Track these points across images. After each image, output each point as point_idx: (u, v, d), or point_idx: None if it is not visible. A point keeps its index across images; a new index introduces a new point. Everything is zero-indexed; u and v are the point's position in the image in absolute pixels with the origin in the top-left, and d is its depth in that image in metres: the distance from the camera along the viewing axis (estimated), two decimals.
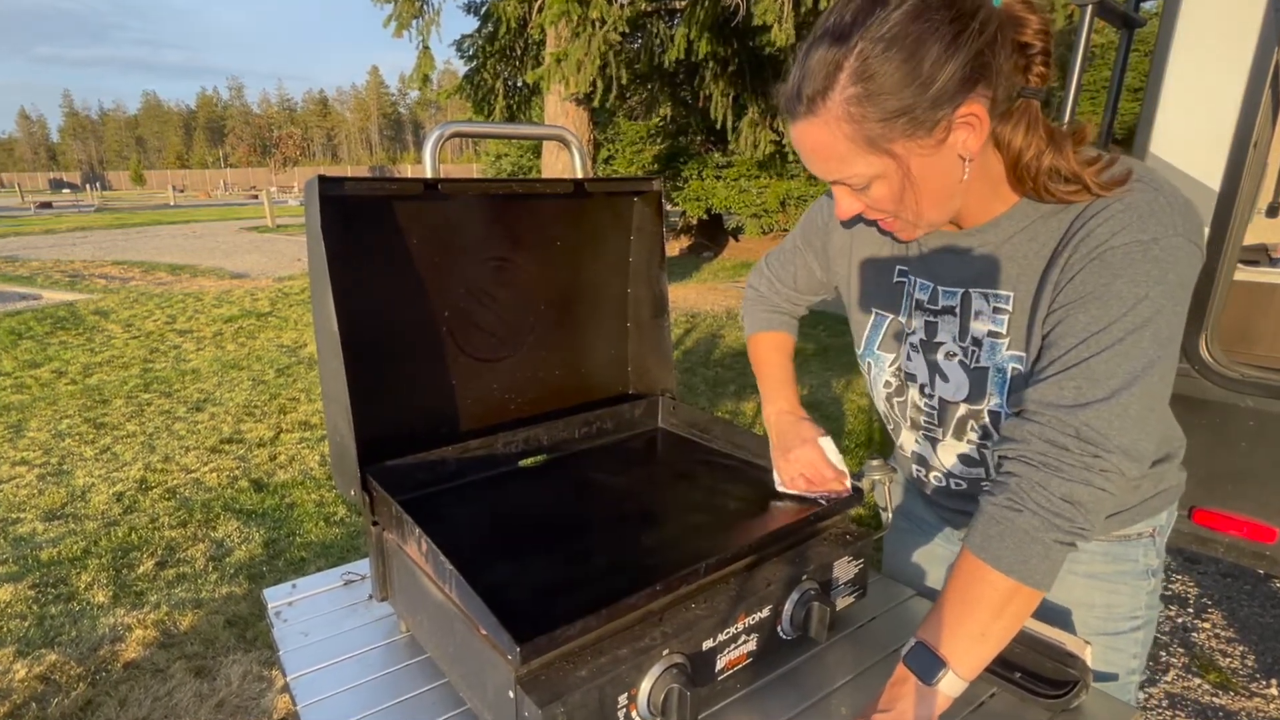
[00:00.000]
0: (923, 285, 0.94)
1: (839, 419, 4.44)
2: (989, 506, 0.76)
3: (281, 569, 2.86)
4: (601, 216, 1.26)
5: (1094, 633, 0.98)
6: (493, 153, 19.42)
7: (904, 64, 0.69)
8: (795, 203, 11.91)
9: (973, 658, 0.74)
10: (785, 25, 5.66)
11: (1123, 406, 0.72)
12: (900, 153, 0.73)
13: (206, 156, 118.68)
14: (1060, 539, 0.72)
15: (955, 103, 0.70)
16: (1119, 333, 0.72)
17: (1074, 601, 0.99)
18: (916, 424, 1.00)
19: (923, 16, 0.68)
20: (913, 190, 0.77)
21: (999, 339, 0.85)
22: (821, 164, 0.78)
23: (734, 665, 0.84)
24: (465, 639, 0.78)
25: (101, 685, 2.20)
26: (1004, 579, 0.73)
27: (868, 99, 0.70)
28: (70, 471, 3.83)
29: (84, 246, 14.95)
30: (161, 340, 6.73)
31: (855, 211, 0.82)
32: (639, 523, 1.00)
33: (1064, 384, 0.74)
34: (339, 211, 0.93)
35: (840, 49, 0.70)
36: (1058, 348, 0.76)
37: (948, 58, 0.68)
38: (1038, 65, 0.73)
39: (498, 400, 1.20)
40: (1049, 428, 0.74)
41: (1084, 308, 0.75)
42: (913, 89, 0.69)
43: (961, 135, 0.73)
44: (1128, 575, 0.98)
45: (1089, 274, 0.75)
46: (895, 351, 1.00)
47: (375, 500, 0.94)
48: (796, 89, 0.75)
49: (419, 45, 7.72)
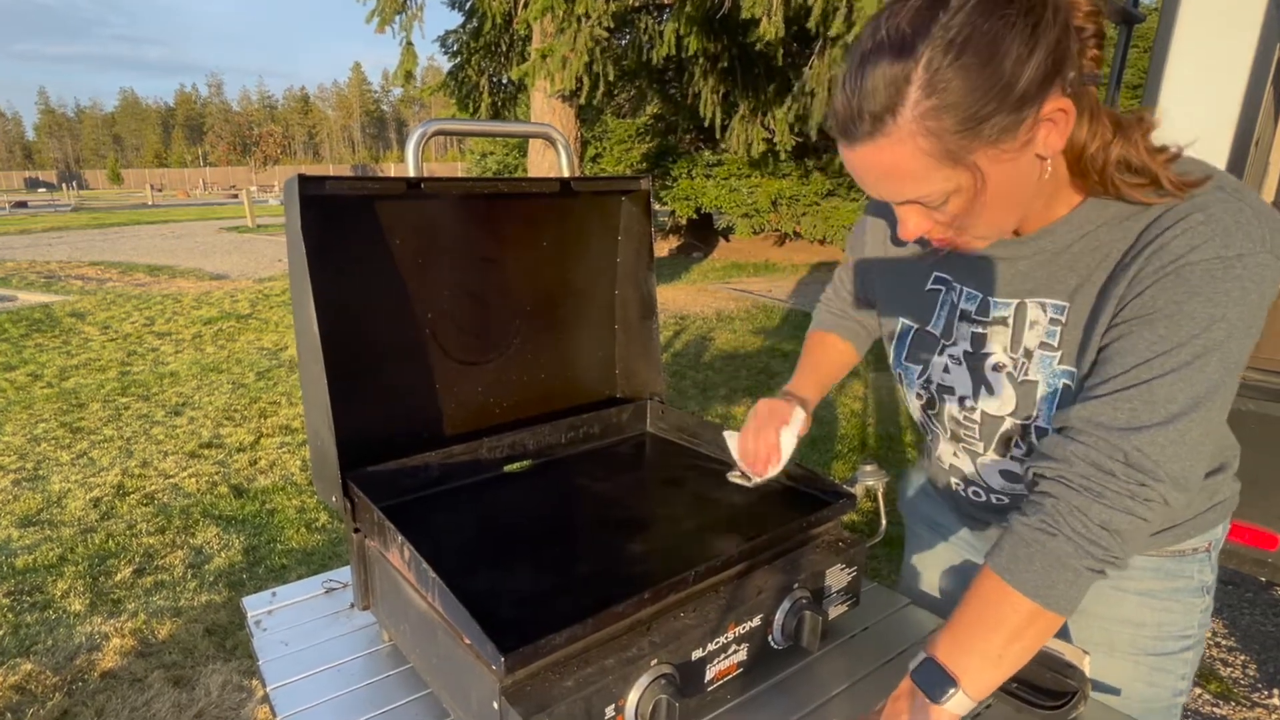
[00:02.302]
0: (970, 295, 0.88)
1: (832, 423, 4.45)
2: (1020, 527, 0.72)
3: (262, 576, 2.82)
4: (588, 216, 1.24)
5: (1143, 653, 0.94)
6: (477, 151, 19.36)
7: (982, 69, 0.63)
8: (787, 202, 11.92)
9: (985, 679, 0.71)
10: (774, 19, 5.59)
11: (1180, 433, 0.67)
12: (983, 163, 0.68)
13: (185, 155, 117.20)
14: (1092, 566, 0.69)
15: (1040, 100, 0.65)
16: (1187, 355, 0.67)
17: (1123, 620, 0.94)
18: (956, 436, 0.95)
19: (994, 12, 0.62)
20: (989, 200, 0.71)
21: (1051, 352, 0.80)
22: (893, 185, 0.72)
23: (724, 675, 0.83)
24: (449, 649, 0.77)
25: (78, 695, 2.15)
26: (1027, 602, 0.70)
27: (944, 110, 0.64)
28: (46, 477, 3.76)
29: (60, 247, 14.71)
30: (139, 343, 6.63)
31: (925, 231, 0.76)
32: (626, 529, 0.99)
33: (1119, 404, 0.70)
34: (320, 211, 0.91)
35: (905, 62, 0.64)
36: (1115, 365, 0.71)
37: (1029, 53, 0.63)
38: (1091, 48, 0.68)
39: (482, 404, 1.19)
40: (1095, 450, 0.69)
41: (1151, 325, 0.69)
42: (994, 93, 0.64)
43: (1044, 133, 0.67)
44: (1182, 592, 0.93)
45: (1161, 289, 0.69)
46: (923, 363, 0.95)
47: (357, 506, 0.93)
48: (857, 109, 0.68)
49: (402, 41, 7.65)
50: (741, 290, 9.25)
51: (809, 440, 4.07)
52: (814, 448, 4.05)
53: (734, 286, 9.58)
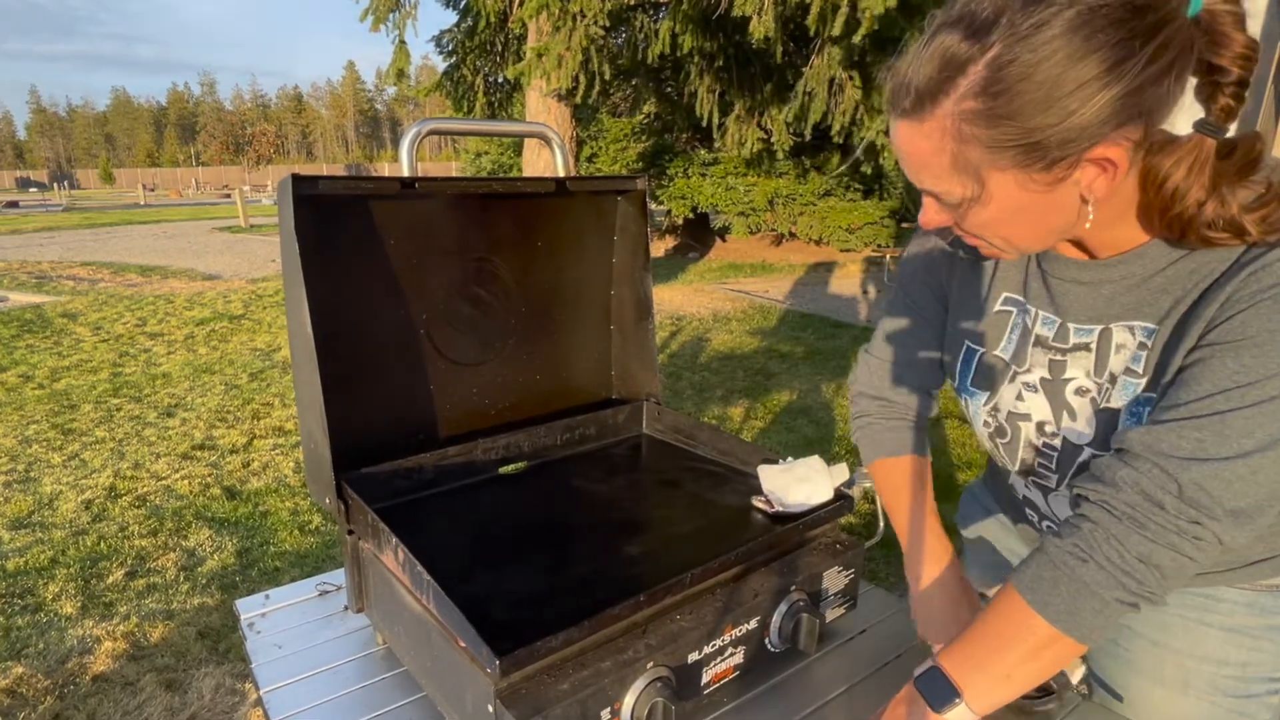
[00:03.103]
0: (1047, 320, 0.82)
1: (830, 425, 4.43)
2: (1051, 547, 0.68)
3: (255, 579, 2.80)
4: (584, 216, 1.24)
5: (1221, 693, 0.85)
6: (472, 151, 19.30)
7: (1043, 85, 0.57)
8: (783, 201, 11.89)
9: (991, 696, 0.69)
10: (764, 18, 5.56)
11: (1250, 469, 0.61)
12: (1004, 184, 0.63)
13: (178, 154, 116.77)
14: (1123, 599, 0.65)
15: (1091, 141, 0.59)
16: (1273, 389, 0.61)
17: (1203, 657, 0.86)
18: (1029, 468, 0.88)
19: (1086, 27, 0.55)
20: (1007, 220, 0.67)
21: (1136, 378, 0.74)
22: (913, 171, 0.69)
23: (720, 678, 0.83)
24: (443, 651, 0.76)
25: (70, 698, 2.14)
26: (1046, 626, 0.67)
27: (984, 119, 0.59)
28: (37, 479, 3.73)
29: (51, 247, 14.61)
30: (131, 344, 6.59)
31: (940, 224, 0.73)
32: (622, 531, 0.98)
33: (1185, 432, 0.64)
34: (313, 211, 0.90)
35: (971, 45, 0.58)
36: (1190, 391, 0.65)
37: (1100, 87, 0.56)
38: (1225, 97, 0.61)
39: (477, 405, 1.18)
40: (1147, 478, 0.64)
41: (1236, 353, 0.63)
42: (1044, 117, 0.58)
43: (1088, 175, 0.62)
44: (1276, 631, 0.84)
45: (1255, 314, 0.62)
46: (991, 390, 0.88)
47: (351, 508, 0.92)
48: (907, 80, 0.63)
49: (395, 39, 7.63)
50: (738, 290, 9.25)
51: (806, 443, 4.08)
52: (811, 450, 4.05)
53: (730, 287, 9.58)
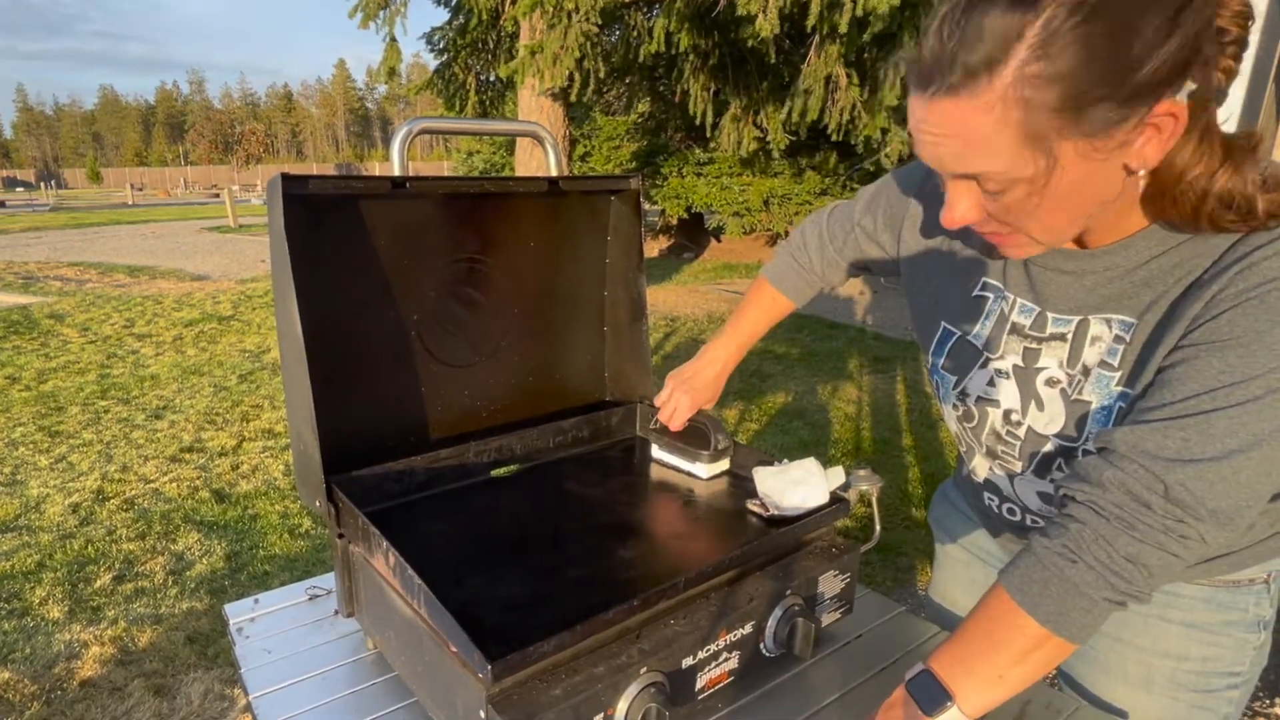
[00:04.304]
0: (1025, 308, 0.81)
1: (825, 427, 4.44)
2: (1039, 548, 0.68)
3: (244, 583, 2.78)
4: (577, 216, 1.23)
5: (1183, 689, 0.87)
6: (464, 150, 19.26)
7: (1108, 40, 0.54)
8: (779, 201, 11.86)
9: (982, 698, 0.69)
10: (770, 16, 5.53)
11: (1233, 469, 0.61)
12: (1067, 155, 0.60)
13: (166, 154, 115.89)
14: (1112, 598, 0.65)
15: (1157, 96, 0.57)
16: (1257, 390, 0.61)
17: (1164, 653, 0.87)
18: (993, 452, 0.88)
19: None
20: (1055, 199, 0.63)
21: (1110, 372, 0.74)
22: (956, 151, 0.63)
23: (715, 684, 0.82)
24: (434, 656, 0.75)
25: (57, 704, 2.11)
26: (1036, 626, 0.66)
27: (1049, 82, 0.56)
28: (24, 482, 3.69)
29: (38, 247, 14.47)
30: (119, 345, 6.53)
31: (973, 220, 0.68)
32: (616, 535, 0.98)
33: (1170, 432, 0.64)
34: (303, 211, 0.89)
35: (1022, 12, 0.56)
36: (1174, 391, 0.65)
37: (1165, 35, 0.54)
38: (1226, 57, 0.59)
39: (469, 407, 1.17)
40: (1133, 478, 0.64)
41: (1221, 352, 0.63)
42: (1112, 75, 0.55)
43: (1143, 139, 0.59)
44: (1234, 626, 0.85)
45: (1241, 314, 0.62)
46: (961, 374, 0.88)
47: (341, 512, 0.91)
48: (950, 56, 0.59)
49: (385, 37, 7.58)
50: (733, 291, 9.25)
51: (801, 445, 4.08)
52: (807, 452, 4.05)
53: (725, 287, 9.59)
